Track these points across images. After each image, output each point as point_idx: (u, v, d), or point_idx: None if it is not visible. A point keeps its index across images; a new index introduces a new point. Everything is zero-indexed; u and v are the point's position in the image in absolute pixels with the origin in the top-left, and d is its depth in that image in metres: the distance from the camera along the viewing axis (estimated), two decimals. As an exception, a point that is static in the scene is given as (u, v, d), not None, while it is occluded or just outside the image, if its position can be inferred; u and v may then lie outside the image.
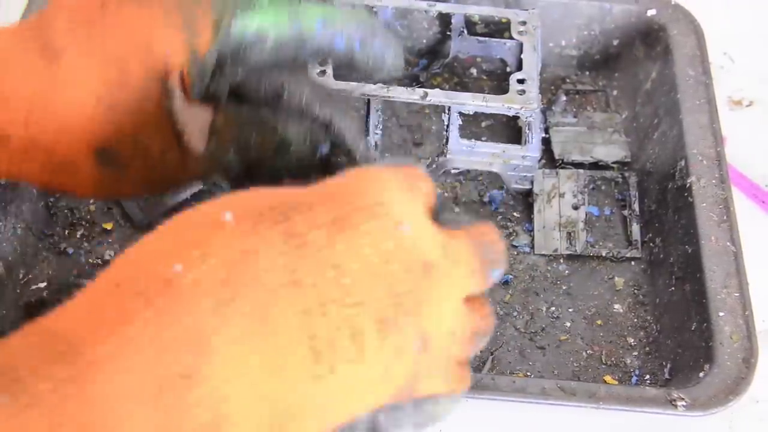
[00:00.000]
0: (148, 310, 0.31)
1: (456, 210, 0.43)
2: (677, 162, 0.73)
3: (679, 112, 0.75)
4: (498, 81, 0.84)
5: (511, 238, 0.75)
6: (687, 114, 0.75)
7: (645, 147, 0.79)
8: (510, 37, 0.78)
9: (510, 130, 0.81)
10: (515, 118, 0.78)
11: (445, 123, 0.73)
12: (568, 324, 0.70)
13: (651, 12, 0.82)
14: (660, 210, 0.74)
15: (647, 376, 0.67)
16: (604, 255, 0.73)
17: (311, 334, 0.32)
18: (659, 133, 0.77)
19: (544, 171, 0.77)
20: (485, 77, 0.85)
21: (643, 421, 0.61)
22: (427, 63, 0.85)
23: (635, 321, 0.70)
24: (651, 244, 0.74)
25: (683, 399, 0.59)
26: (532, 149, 0.74)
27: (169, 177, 0.47)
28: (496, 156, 0.74)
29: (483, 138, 0.79)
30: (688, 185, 0.71)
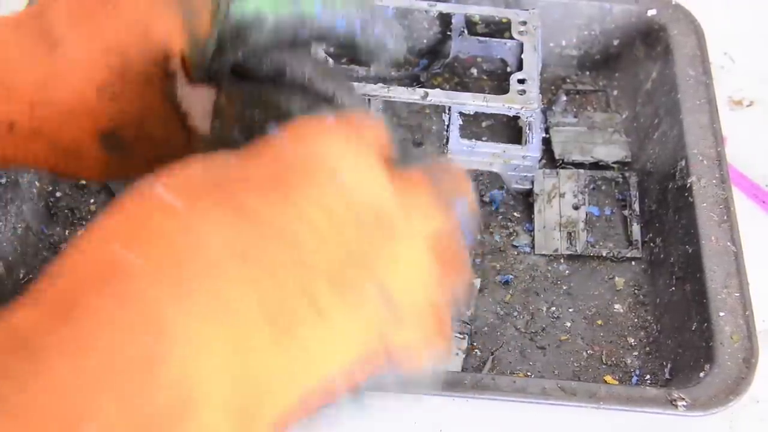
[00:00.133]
0: (99, 297, 0.31)
1: (417, 149, 0.42)
2: (677, 162, 0.73)
3: (680, 112, 0.75)
4: (498, 81, 0.84)
5: (512, 238, 0.75)
6: (687, 114, 0.75)
7: (645, 147, 0.79)
8: (510, 37, 0.78)
9: (510, 130, 0.81)
10: (516, 118, 0.78)
11: (446, 123, 0.73)
12: (568, 324, 0.70)
13: (651, 12, 0.82)
14: (660, 210, 0.74)
15: (648, 376, 0.67)
16: (604, 255, 0.73)
17: (266, 304, 0.32)
18: (659, 133, 0.77)
19: (544, 171, 0.77)
20: (486, 77, 0.85)
21: (644, 421, 0.61)
22: (428, 63, 0.85)
23: (636, 321, 0.70)
24: (651, 244, 0.74)
25: (684, 399, 0.59)
26: (532, 149, 0.74)
27: (175, 159, 0.47)
28: (496, 156, 0.74)
29: (483, 138, 0.79)
30: (688, 185, 0.71)
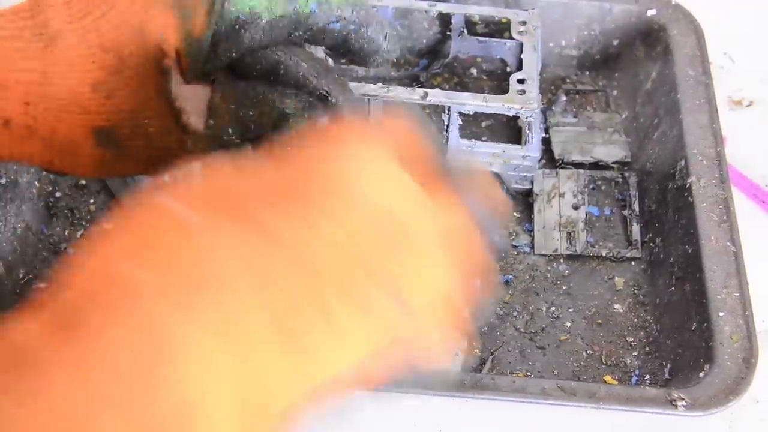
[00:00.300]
0: (103, 313, 0.30)
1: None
2: (677, 162, 0.73)
3: (679, 112, 0.75)
4: (498, 81, 0.84)
5: (511, 237, 0.75)
6: (687, 114, 0.75)
7: (645, 147, 0.79)
8: (510, 37, 0.78)
9: (510, 130, 0.81)
10: (515, 118, 0.78)
11: (446, 123, 0.73)
12: (568, 324, 0.70)
13: (651, 12, 0.82)
14: (660, 210, 0.74)
15: (647, 376, 0.67)
16: (604, 255, 0.73)
17: (275, 317, 0.32)
18: (659, 133, 0.77)
19: (544, 171, 0.77)
20: (485, 77, 0.85)
21: (643, 422, 0.61)
22: (428, 63, 0.85)
23: (635, 321, 0.70)
24: (651, 244, 0.74)
25: (683, 399, 0.59)
26: (532, 149, 0.74)
27: (170, 156, 0.47)
28: (496, 156, 0.74)
29: (483, 138, 0.79)
30: (688, 185, 0.71)
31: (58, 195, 0.74)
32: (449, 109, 0.73)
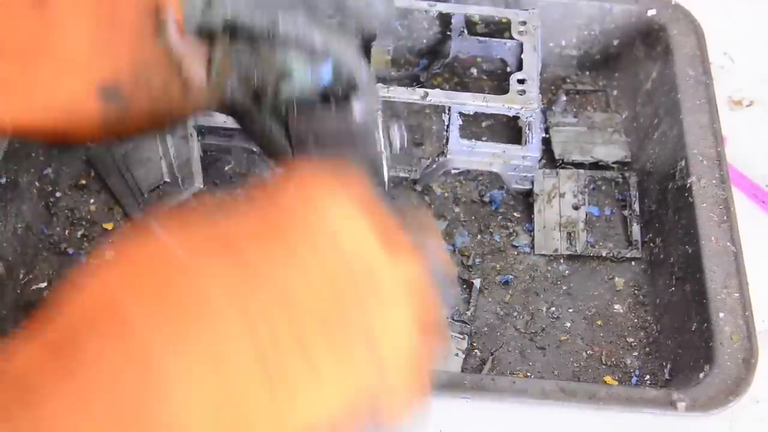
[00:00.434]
0: (100, 342, 0.31)
1: (394, 191, 0.44)
2: (677, 162, 0.73)
3: (680, 112, 0.75)
4: (498, 81, 0.84)
5: (512, 238, 0.75)
6: (687, 114, 0.75)
7: (645, 147, 0.79)
8: (510, 37, 0.78)
9: (510, 130, 0.81)
10: (515, 118, 0.78)
11: (446, 123, 0.73)
12: (568, 324, 0.70)
13: (651, 12, 0.82)
14: (660, 210, 0.74)
15: (647, 376, 0.67)
16: (604, 255, 0.73)
17: (260, 353, 0.33)
18: (659, 133, 0.77)
19: (544, 171, 0.77)
20: (485, 77, 0.85)
21: (644, 422, 0.61)
22: (428, 63, 0.85)
23: (635, 321, 0.70)
24: (651, 244, 0.74)
25: (683, 400, 0.59)
26: (532, 149, 0.74)
27: (174, 110, 0.47)
28: (496, 156, 0.74)
29: (483, 138, 0.79)
30: (688, 185, 0.71)
31: (58, 195, 0.74)
32: (449, 109, 0.73)
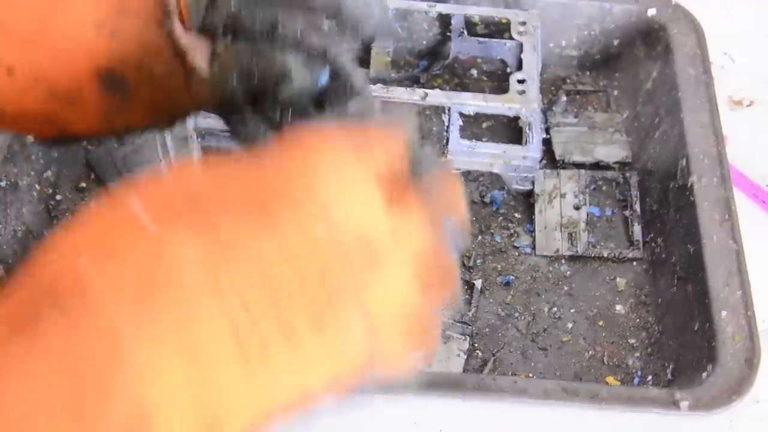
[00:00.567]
0: (61, 316, 0.30)
1: (428, 154, 0.42)
2: (678, 161, 0.73)
3: (680, 111, 0.75)
4: (498, 81, 0.84)
5: (513, 238, 0.75)
6: (688, 113, 0.75)
7: (646, 147, 0.78)
8: (510, 38, 0.78)
9: (511, 130, 0.81)
10: (516, 118, 0.78)
11: (446, 124, 0.73)
12: (569, 325, 0.70)
13: (651, 12, 0.82)
14: (661, 210, 0.74)
15: (650, 376, 0.67)
16: (605, 255, 0.73)
17: (237, 333, 0.31)
18: (660, 133, 0.77)
19: (545, 171, 0.77)
20: (485, 78, 0.85)
21: (646, 422, 0.60)
22: (428, 64, 0.85)
23: (637, 321, 0.70)
24: (653, 244, 0.74)
25: (686, 400, 0.59)
26: (532, 150, 0.74)
27: (176, 103, 0.47)
28: (496, 157, 0.74)
29: (484, 139, 0.79)
30: (689, 185, 0.71)
31: (58, 198, 0.74)
32: (449, 110, 0.73)
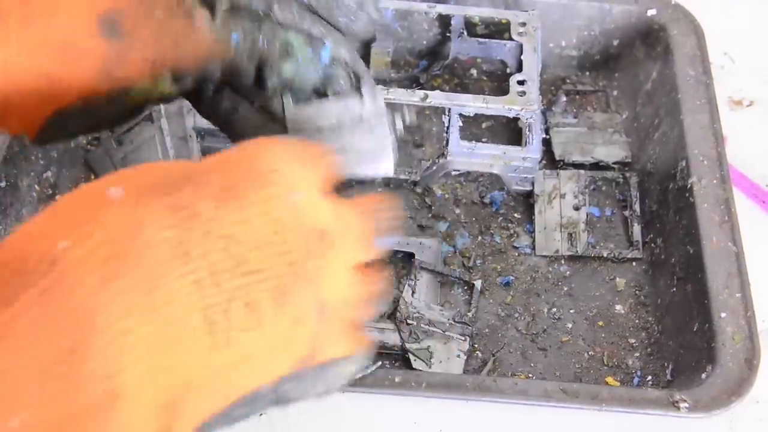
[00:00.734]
0: (32, 289, 0.30)
1: (360, 186, 0.46)
2: (678, 162, 0.73)
3: (680, 112, 0.75)
4: (498, 82, 0.84)
5: (512, 239, 0.75)
6: (688, 114, 0.75)
7: (646, 147, 0.78)
8: (510, 39, 0.78)
9: (510, 131, 0.81)
10: (516, 119, 0.78)
11: (446, 124, 0.73)
12: (569, 325, 0.70)
13: (651, 12, 0.82)
14: (661, 210, 0.74)
15: (649, 377, 0.67)
16: (605, 256, 0.73)
17: (204, 305, 0.32)
18: (660, 134, 0.77)
19: (544, 172, 0.77)
20: (485, 78, 0.85)
21: (646, 423, 0.61)
22: (428, 64, 0.85)
23: (637, 322, 0.70)
24: (652, 244, 0.74)
25: (685, 400, 0.59)
26: (532, 150, 0.74)
27: (177, 51, 0.46)
28: (496, 157, 0.74)
29: (483, 139, 0.79)
30: (689, 185, 0.71)
31: (58, 198, 0.74)
32: (449, 111, 0.73)
